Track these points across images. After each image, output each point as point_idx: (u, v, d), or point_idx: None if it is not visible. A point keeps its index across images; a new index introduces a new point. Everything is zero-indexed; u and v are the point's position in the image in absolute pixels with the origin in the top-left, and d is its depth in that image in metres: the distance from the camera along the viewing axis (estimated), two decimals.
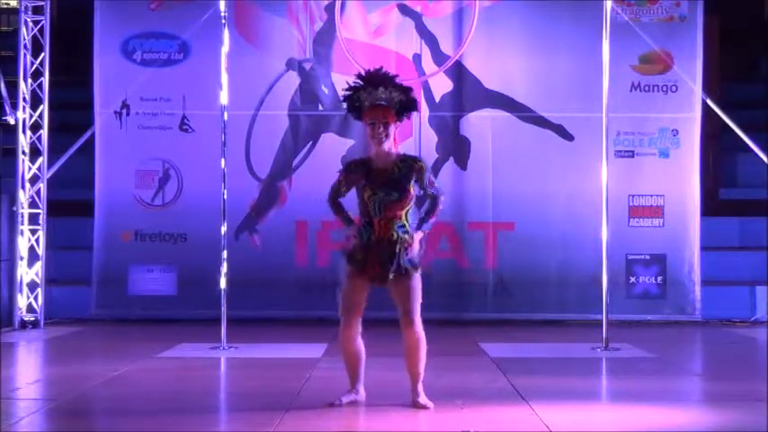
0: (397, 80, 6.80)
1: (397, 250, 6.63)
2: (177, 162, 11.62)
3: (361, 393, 6.90)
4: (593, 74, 10.56)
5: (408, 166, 6.71)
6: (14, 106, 11.02)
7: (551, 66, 11.58)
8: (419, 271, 6.73)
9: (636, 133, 11.57)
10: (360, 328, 6.80)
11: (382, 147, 6.68)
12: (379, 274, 6.65)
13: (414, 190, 6.72)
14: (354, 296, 6.74)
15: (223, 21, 9.93)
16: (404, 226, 6.69)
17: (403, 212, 6.69)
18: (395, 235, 6.65)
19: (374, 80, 6.72)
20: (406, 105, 6.74)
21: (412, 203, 6.75)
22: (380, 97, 6.66)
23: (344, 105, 6.88)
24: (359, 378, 6.88)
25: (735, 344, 10.36)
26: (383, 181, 6.65)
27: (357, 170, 6.75)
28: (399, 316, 6.74)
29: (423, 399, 6.78)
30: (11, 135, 11.23)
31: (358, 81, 6.75)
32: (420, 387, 6.79)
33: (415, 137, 11.35)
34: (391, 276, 6.63)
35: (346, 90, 6.79)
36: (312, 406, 6.88)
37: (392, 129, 6.68)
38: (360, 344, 6.82)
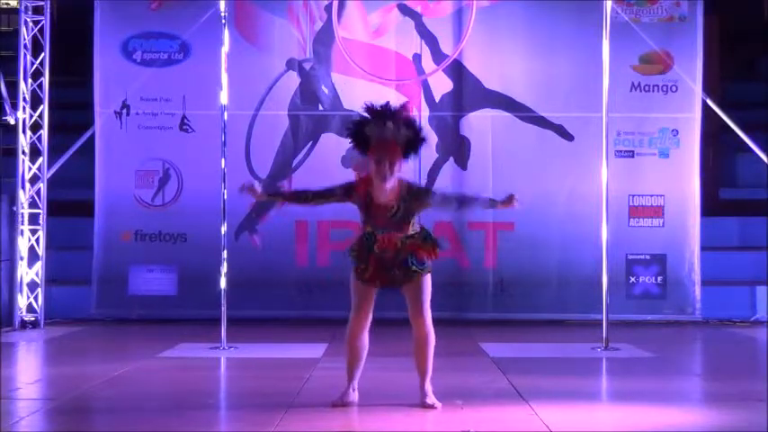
0: (404, 113, 6.70)
1: (408, 256, 6.64)
2: (177, 162, 11.62)
3: (356, 392, 6.90)
4: (593, 74, 10.57)
5: (411, 198, 6.63)
6: (14, 106, 11.02)
7: (551, 66, 11.58)
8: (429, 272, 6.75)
9: (636, 133, 11.57)
10: (368, 325, 6.79)
11: (385, 184, 6.58)
12: (388, 281, 6.66)
13: (415, 221, 6.69)
14: (363, 294, 6.74)
15: (223, 21, 9.93)
16: (408, 235, 6.67)
17: (407, 231, 6.68)
18: (399, 244, 6.65)
19: (382, 115, 6.58)
20: (413, 142, 6.62)
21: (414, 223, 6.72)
22: (388, 132, 6.52)
23: (350, 141, 6.72)
24: (356, 376, 6.88)
25: (735, 344, 10.36)
26: (383, 220, 6.60)
27: (357, 197, 6.67)
28: (409, 310, 6.75)
29: (430, 399, 6.78)
30: (11, 135, 11.22)
31: (365, 115, 6.63)
32: (428, 386, 6.80)
33: None
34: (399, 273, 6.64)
35: (354, 125, 6.66)
36: (312, 406, 6.88)
37: (397, 167, 6.57)
38: (365, 342, 6.80)
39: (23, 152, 11.11)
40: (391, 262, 6.64)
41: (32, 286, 11.12)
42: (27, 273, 11.12)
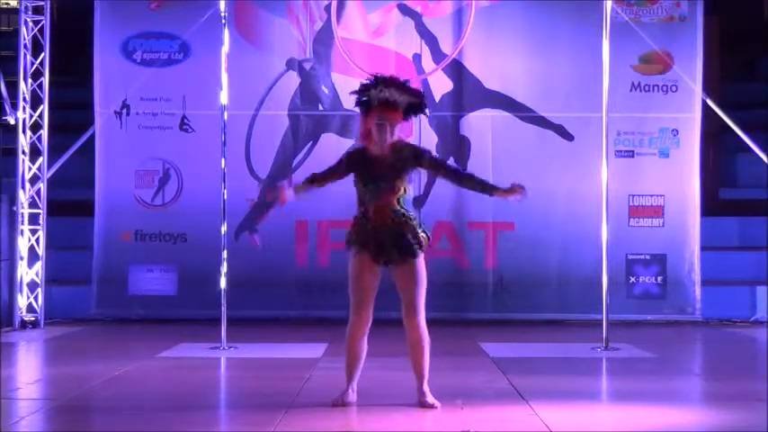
0: (406, 82, 6.92)
1: (404, 231, 6.69)
2: (177, 162, 11.62)
3: (355, 393, 6.90)
4: (593, 74, 10.57)
5: (405, 153, 6.78)
6: (14, 106, 11.02)
7: (551, 66, 11.58)
8: (423, 252, 6.76)
9: (636, 133, 11.57)
10: (368, 329, 6.78)
11: (384, 143, 6.74)
12: (385, 253, 6.68)
13: (406, 181, 6.77)
14: (362, 285, 6.73)
15: (223, 21, 9.93)
16: (398, 210, 6.73)
17: (395, 198, 6.74)
18: (391, 219, 6.69)
19: (387, 81, 6.79)
20: (414, 106, 6.82)
21: (404, 192, 6.78)
22: (392, 96, 6.72)
23: (354, 97, 6.89)
24: (355, 377, 6.88)
25: (735, 344, 10.36)
26: (376, 171, 6.71)
27: (356, 160, 6.81)
28: (402, 308, 6.75)
29: (430, 398, 6.78)
30: (11, 135, 11.22)
31: (371, 79, 6.83)
32: (426, 386, 6.79)
33: (415, 137, 11.33)
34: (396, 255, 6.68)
35: (360, 88, 6.84)
36: (312, 406, 6.88)
37: (397, 130, 6.77)
38: (364, 344, 6.81)
39: (23, 152, 11.11)
40: (386, 238, 6.67)
41: (32, 286, 11.12)
42: (27, 273, 11.12)
